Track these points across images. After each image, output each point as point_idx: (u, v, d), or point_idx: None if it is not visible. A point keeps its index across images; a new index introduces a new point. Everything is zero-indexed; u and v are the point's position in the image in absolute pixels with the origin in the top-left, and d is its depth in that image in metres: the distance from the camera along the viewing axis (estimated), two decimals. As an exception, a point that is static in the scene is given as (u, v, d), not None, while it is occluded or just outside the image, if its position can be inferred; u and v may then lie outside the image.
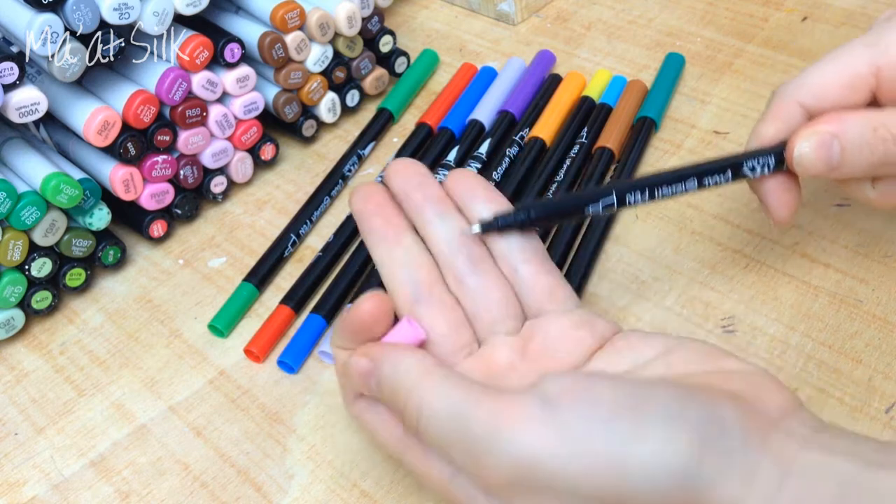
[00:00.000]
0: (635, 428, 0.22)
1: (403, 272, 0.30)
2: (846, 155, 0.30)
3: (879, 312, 0.35)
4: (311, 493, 0.32)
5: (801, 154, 0.30)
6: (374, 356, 0.26)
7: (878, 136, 0.29)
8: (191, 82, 0.40)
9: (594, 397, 0.23)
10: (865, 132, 0.29)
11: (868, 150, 0.29)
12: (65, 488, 0.34)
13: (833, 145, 0.30)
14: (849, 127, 0.29)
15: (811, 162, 0.30)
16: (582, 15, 0.56)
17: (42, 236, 0.38)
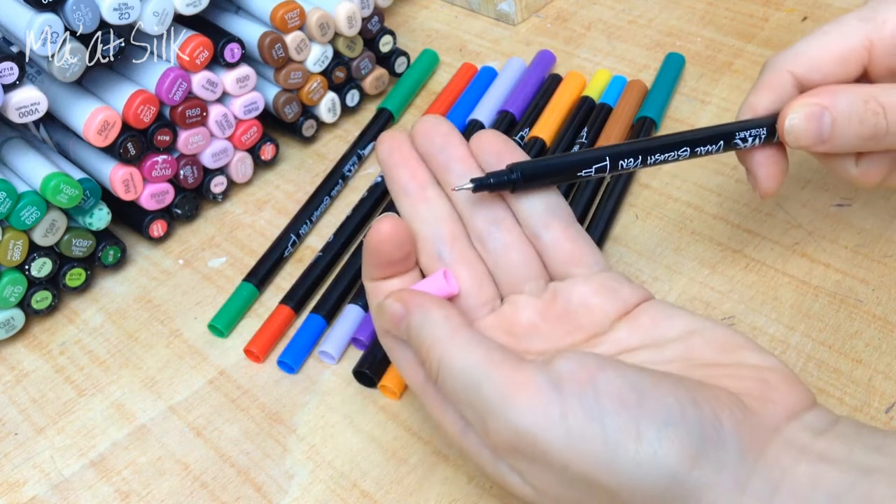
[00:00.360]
0: (633, 425, 0.22)
1: (427, 227, 0.30)
2: (836, 127, 0.30)
3: (879, 312, 0.35)
4: (311, 493, 0.32)
5: (791, 125, 0.30)
6: (406, 303, 0.27)
7: (869, 108, 0.29)
8: (191, 82, 0.40)
9: (599, 387, 0.23)
10: (856, 104, 0.29)
11: (858, 123, 0.29)
12: (65, 488, 0.34)
13: (824, 117, 0.30)
14: (840, 100, 0.29)
15: (802, 133, 0.30)
16: (582, 15, 0.56)
17: (42, 236, 0.38)
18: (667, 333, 0.27)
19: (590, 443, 0.23)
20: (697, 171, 0.43)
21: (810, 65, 0.31)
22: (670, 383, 0.24)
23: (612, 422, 0.23)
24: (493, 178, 0.29)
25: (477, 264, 0.30)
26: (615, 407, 0.23)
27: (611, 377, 0.23)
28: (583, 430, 0.23)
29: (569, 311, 0.29)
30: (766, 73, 0.32)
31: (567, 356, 0.24)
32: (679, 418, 0.23)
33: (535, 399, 0.23)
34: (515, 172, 0.29)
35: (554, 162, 0.30)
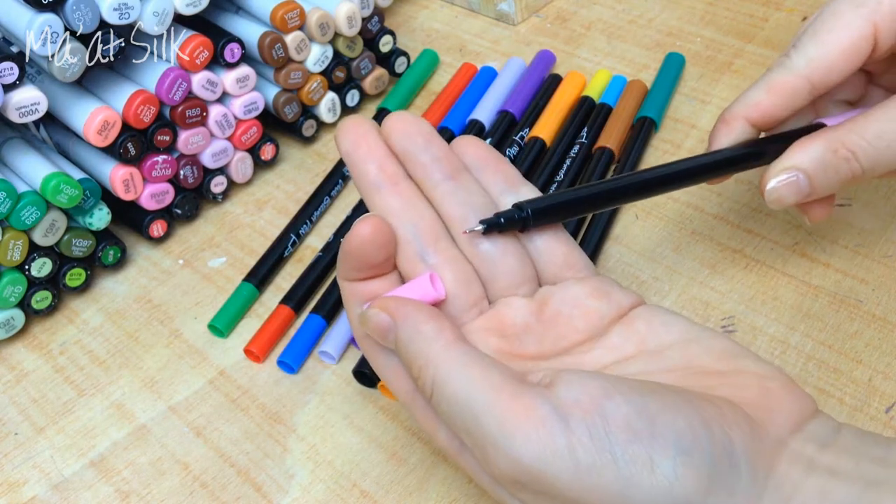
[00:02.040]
0: (647, 455, 0.22)
1: (405, 226, 0.28)
2: (814, 182, 0.31)
3: (879, 312, 0.35)
4: (311, 493, 0.32)
5: (772, 194, 0.31)
6: (393, 313, 0.25)
7: (840, 157, 0.30)
8: (191, 82, 0.40)
9: (608, 416, 0.22)
10: (826, 157, 0.30)
11: (834, 173, 0.30)
12: (65, 488, 0.34)
13: (799, 179, 0.31)
14: (808, 156, 0.30)
15: (784, 198, 0.31)
16: (582, 15, 0.56)
17: (42, 236, 0.38)
18: (663, 340, 0.27)
19: (601, 475, 0.22)
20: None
21: (825, 67, 0.32)
22: (677, 403, 0.23)
23: (624, 453, 0.22)
24: (503, 217, 0.28)
25: (462, 264, 0.28)
26: (626, 437, 0.22)
27: (618, 404, 0.22)
28: (593, 463, 0.22)
29: (563, 314, 0.28)
30: (780, 74, 0.32)
31: (569, 380, 0.23)
32: (692, 444, 0.22)
33: (540, 431, 0.22)
34: (525, 211, 0.28)
35: (567, 198, 0.29)
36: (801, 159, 0.31)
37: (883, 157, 0.30)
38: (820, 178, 0.31)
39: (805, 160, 0.31)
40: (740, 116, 0.33)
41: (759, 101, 0.33)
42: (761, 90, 0.33)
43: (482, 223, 0.28)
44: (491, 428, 0.23)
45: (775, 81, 0.32)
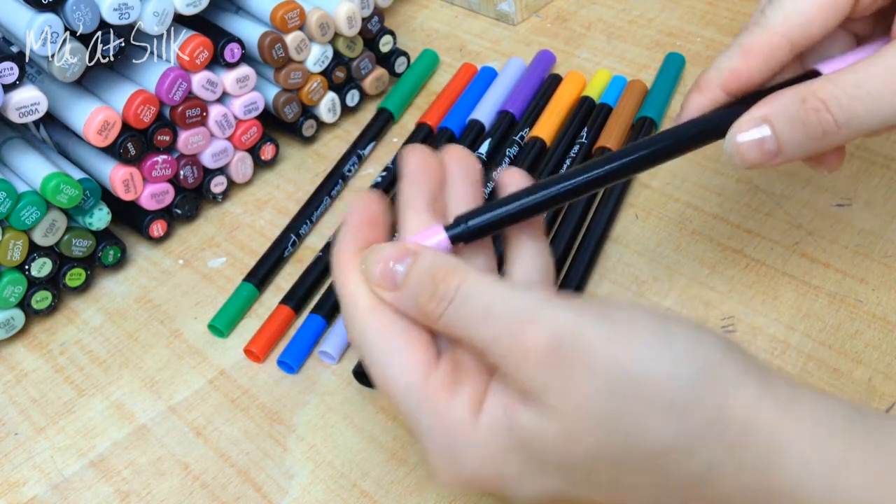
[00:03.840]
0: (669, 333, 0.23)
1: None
2: (781, 137, 0.27)
3: (879, 312, 0.35)
4: (311, 493, 0.32)
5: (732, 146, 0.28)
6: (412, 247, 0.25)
7: (809, 106, 0.26)
8: (191, 82, 0.40)
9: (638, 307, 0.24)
10: (793, 107, 0.27)
11: (802, 126, 0.27)
12: (65, 488, 0.34)
13: (764, 134, 0.27)
14: (775, 108, 0.27)
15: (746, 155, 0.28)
16: (582, 15, 0.56)
17: (42, 236, 0.38)
18: None
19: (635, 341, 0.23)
20: (697, 171, 0.43)
21: (804, 21, 0.28)
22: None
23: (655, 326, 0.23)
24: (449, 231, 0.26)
25: None
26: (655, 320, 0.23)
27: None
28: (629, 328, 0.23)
29: None
30: (755, 34, 0.29)
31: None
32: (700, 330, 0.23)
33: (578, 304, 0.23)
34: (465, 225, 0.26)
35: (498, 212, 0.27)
36: (765, 111, 0.27)
37: (860, 110, 0.26)
38: (787, 134, 0.27)
39: (771, 112, 0.27)
40: (714, 84, 0.29)
41: (734, 67, 0.29)
42: (736, 54, 0.29)
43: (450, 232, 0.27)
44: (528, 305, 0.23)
45: (751, 42, 0.29)
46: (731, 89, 0.29)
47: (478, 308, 0.24)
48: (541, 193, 0.27)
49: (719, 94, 0.29)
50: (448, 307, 0.24)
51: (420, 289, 0.25)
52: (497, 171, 0.32)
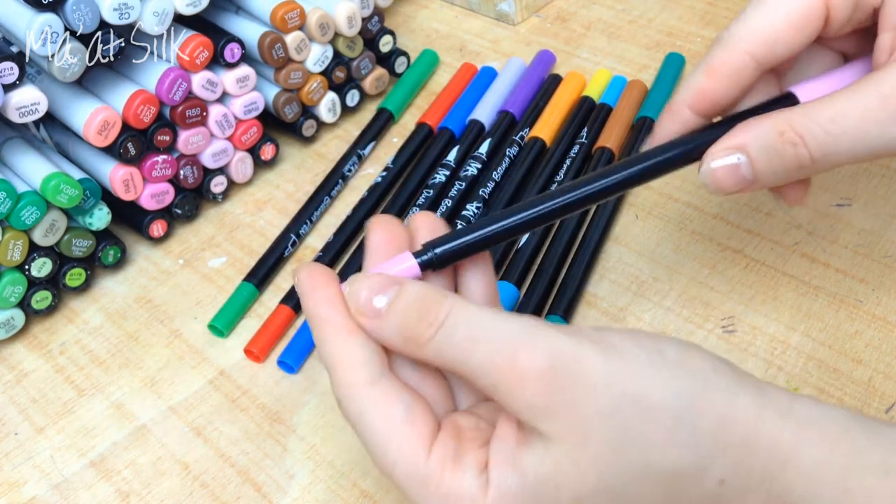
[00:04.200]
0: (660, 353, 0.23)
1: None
2: (757, 166, 0.27)
3: (879, 312, 0.35)
4: (311, 493, 0.32)
5: (707, 173, 0.27)
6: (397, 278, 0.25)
7: (786, 140, 0.26)
8: (191, 82, 0.40)
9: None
10: (770, 138, 0.26)
11: (778, 158, 0.26)
12: (65, 488, 0.34)
13: (741, 162, 0.27)
14: (751, 135, 0.27)
15: (722, 182, 0.27)
16: (582, 15, 0.56)
17: (42, 236, 0.38)
18: None
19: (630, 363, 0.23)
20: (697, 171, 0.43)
21: (769, 39, 0.27)
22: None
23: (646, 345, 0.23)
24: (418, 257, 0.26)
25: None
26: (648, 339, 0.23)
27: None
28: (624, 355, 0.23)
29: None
30: (719, 53, 0.28)
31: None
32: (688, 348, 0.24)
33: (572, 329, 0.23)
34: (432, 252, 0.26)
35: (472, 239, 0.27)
36: (743, 139, 0.27)
37: (836, 147, 0.26)
38: (763, 164, 0.27)
39: (747, 140, 0.27)
40: (685, 105, 0.29)
41: (701, 86, 0.28)
42: (701, 73, 0.28)
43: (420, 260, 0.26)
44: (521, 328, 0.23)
45: (715, 61, 0.28)
46: (700, 109, 0.29)
47: (469, 333, 0.23)
48: (507, 220, 0.27)
49: (689, 116, 0.29)
50: (437, 332, 0.23)
51: (407, 316, 0.24)
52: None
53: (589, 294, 0.38)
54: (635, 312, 0.37)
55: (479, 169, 0.44)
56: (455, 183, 0.43)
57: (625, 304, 0.37)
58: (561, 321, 0.36)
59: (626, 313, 0.37)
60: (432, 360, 0.24)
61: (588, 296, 0.38)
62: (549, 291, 0.37)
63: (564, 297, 0.37)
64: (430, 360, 0.24)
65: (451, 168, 0.44)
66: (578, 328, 0.24)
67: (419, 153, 0.47)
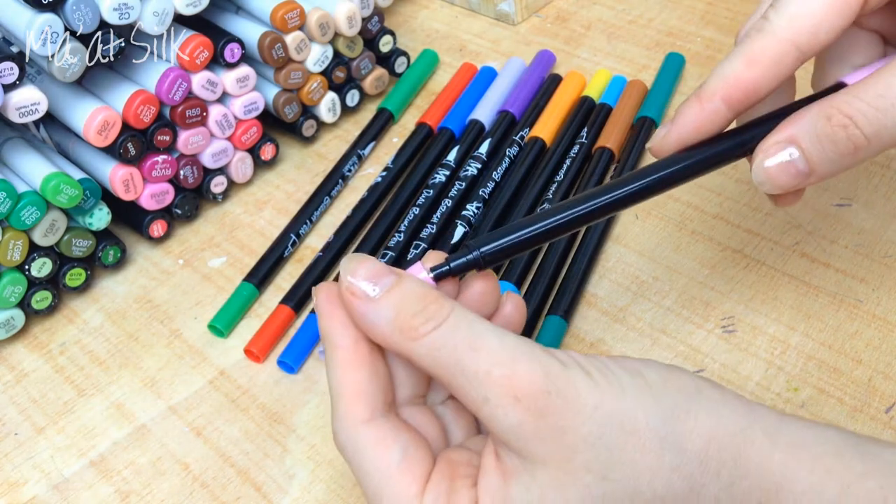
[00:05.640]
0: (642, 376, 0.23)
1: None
2: (812, 159, 0.26)
3: (879, 312, 0.35)
4: (311, 493, 0.32)
5: (761, 172, 0.26)
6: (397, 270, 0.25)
7: (835, 124, 0.25)
8: (191, 82, 0.40)
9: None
10: (820, 126, 0.25)
11: (832, 144, 0.25)
12: (65, 488, 0.34)
13: (793, 156, 0.26)
14: (802, 128, 0.26)
15: (777, 180, 0.26)
16: (582, 15, 0.56)
17: (42, 236, 0.38)
18: None
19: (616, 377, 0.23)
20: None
21: (813, 25, 0.26)
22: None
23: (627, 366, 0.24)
24: (452, 263, 0.26)
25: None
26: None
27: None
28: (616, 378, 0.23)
29: None
30: (760, 41, 0.27)
31: None
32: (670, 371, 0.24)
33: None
34: (479, 251, 0.26)
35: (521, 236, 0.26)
36: (791, 132, 0.26)
37: (888, 122, 0.25)
38: (817, 154, 0.26)
39: (797, 133, 0.26)
40: (717, 95, 0.27)
41: (738, 76, 0.27)
42: (739, 62, 0.27)
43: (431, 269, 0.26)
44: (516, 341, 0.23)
45: (755, 49, 0.27)
46: (735, 100, 0.27)
47: (470, 338, 0.23)
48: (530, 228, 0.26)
49: (720, 107, 0.27)
50: (437, 329, 0.23)
51: (405, 307, 0.23)
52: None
53: (589, 294, 0.38)
54: (635, 312, 0.37)
55: (479, 169, 0.44)
56: (455, 183, 0.43)
57: (625, 304, 0.37)
58: (561, 321, 0.36)
59: (626, 313, 0.37)
60: (419, 357, 0.23)
61: (588, 296, 0.38)
62: (549, 291, 0.37)
63: (564, 297, 0.37)
64: (418, 356, 0.23)
65: (451, 168, 0.44)
66: (568, 353, 0.23)
67: (419, 153, 0.47)
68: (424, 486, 0.23)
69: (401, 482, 0.23)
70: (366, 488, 0.24)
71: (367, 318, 0.24)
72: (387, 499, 0.23)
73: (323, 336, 0.25)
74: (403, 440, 0.24)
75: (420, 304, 0.23)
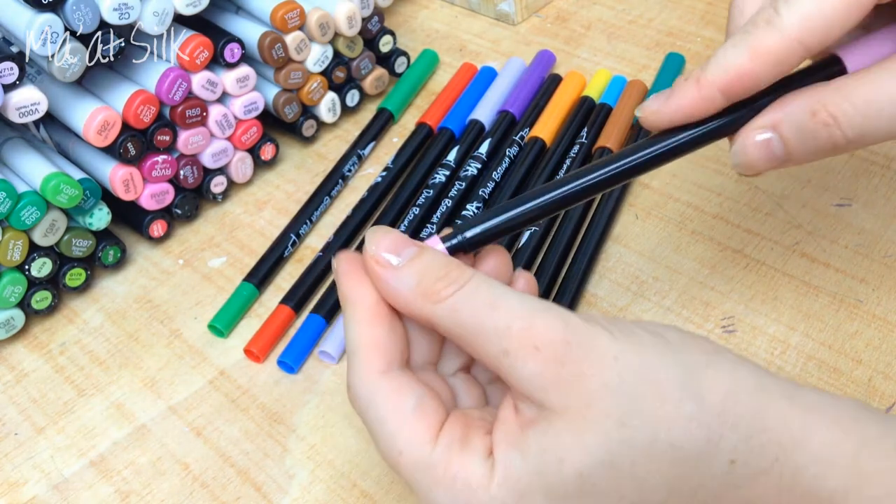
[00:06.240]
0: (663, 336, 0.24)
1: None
2: (790, 146, 0.26)
3: (879, 312, 0.35)
4: (311, 493, 0.32)
5: (739, 152, 0.27)
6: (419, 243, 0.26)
7: (819, 120, 0.25)
8: (191, 82, 0.40)
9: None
10: (803, 119, 0.26)
11: (812, 139, 0.26)
12: (65, 488, 0.34)
13: (773, 140, 0.27)
14: (785, 115, 0.26)
15: (753, 160, 0.27)
16: (582, 15, 0.56)
17: (42, 236, 0.38)
18: None
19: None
20: (697, 170, 0.43)
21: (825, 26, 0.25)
22: None
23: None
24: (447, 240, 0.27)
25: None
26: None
27: None
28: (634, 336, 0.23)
29: None
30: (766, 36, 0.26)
31: None
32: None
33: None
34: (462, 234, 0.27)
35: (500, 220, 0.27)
36: (775, 117, 0.26)
37: (870, 127, 0.25)
38: (796, 143, 0.26)
39: (780, 119, 0.26)
40: (716, 86, 0.27)
41: (740, 68, 0.26)
42: (743, 53, 0.26)
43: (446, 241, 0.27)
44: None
45: (761, 45, 0.26)
46: (733, 92, 0.27)
47: (490, 298, 0.23)
48: (541, 198, 0.27)
49: (716, 95, 0.27)
50: (458, 292, 0.24)
51: (427, 273, 0.24)
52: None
53: (589, 294, 0.38)
54: (635, 312, 0.37)
55: (479, 169, 0.44)
56: (455, 183, 0.43)
57: (625, 304, 0.37)
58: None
59: (626, 313, 0.37)
60: (440, 320, 0.24)
61: (588, 296, 0.38)
62: (549, 291, 0.37)
63: (564, 297, 0.37)
64: (439, 318, 0.24)
65: (451, 168, 0.44)
66: (590, 314, 0.24)
67: (419, 153, 0.47)
68: (438, 433, 0.24)
69: (416, 427, 0.24)
70: (379, 438, 0.24)
71: (391, 285, 0.25)
72: (400, 442, 0.24)
73: (343, 297, 0.26)
74: (418, 391, 0.24)
75: (442, 270, 0.24)
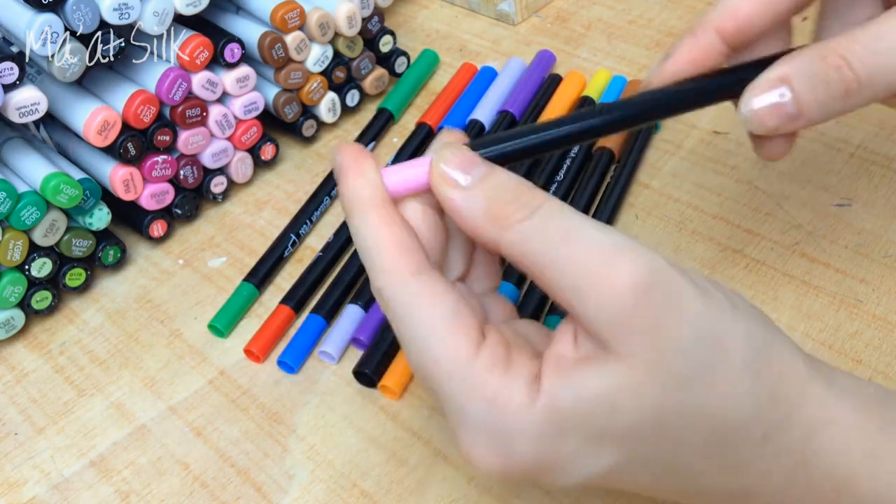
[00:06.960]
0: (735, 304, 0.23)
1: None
2: (801, 98, 0.25)
3: (879, 312, 0.35)
4: (311, 493, 0.32)
5: (749, 112, 0.26)
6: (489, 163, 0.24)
7: (829, 64, 0.25)
8: (191, 82, 0.40)
9: None
10: (814, 65, 0.25)
11: (824, 86, 0.25)
12: (65, 488, 0.34)
13: (784, 95, 0.25)
14: (794, 67, 0.25)
15: (764, 119, 0.26)
16: (582, 15, 0.56)
17: (42, 236, 0.38)
18: None
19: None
20: (697, 171, 0.43)
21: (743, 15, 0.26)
22: None
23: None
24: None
25: None
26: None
27: None
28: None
29: None
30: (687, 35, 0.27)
31: None
32: None
33: None
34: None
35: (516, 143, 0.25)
36: (784, 70, 0.25)
37: (883, 65, 0.25)
38: (807, 94, 0.25)
39: (789, 71, 0.25)
40: (711, 27, 0.27)
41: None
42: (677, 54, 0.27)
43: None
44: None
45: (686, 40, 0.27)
46: (728, 33, 0.27)
47: (565, 227, 0.22)
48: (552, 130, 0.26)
49: (714, 39, 0.27)
50: (531, 217, 0.22)
51: (499, 194, 0.22)
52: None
53: (589, 294, 0.38)
54: (635, 312, 0.37)
55: (479, 169, 0.44)
56: (455, 183, 0.43)
57: (625, 304, 0.37)
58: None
59: (626, 313, 0.37)
60: (509, 246, 0.22)
61: (588, 296, 0.38)
62: (549, 291, 0.37)
63: (564, 297, 0.37)
64: (508, 245, 0.22)
65: (451, 168, 0.44)
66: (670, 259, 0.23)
67: (419, 153, 0.47)
68: (479, 346, 0.22)
69: (454, 338, 0.22)
70: (413, 344, 0.22)
71: (459, 206, 0.23)
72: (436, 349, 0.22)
73: (349, 198, 0.24)
74: (454, 295, 0.22)
75: (513, 193, 0.23)
